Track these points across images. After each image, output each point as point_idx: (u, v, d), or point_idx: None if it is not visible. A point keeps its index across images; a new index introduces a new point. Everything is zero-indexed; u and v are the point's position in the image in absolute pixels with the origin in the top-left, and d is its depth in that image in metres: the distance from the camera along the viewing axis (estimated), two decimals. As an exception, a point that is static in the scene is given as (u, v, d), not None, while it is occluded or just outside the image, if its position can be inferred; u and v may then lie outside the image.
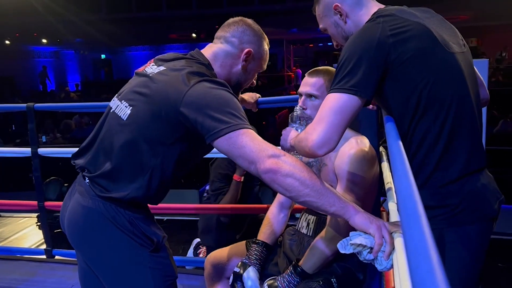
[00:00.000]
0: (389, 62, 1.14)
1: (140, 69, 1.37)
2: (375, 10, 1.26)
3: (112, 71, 21.42)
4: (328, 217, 1.51)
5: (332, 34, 1.39)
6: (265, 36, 1.43)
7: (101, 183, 1.25)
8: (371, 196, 1.55)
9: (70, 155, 2.73)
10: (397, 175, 0.71)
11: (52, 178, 4.66)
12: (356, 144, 1.50)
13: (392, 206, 1.30)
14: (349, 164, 1.47)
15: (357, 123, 1.77)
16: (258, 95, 2.02)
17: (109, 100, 1.39)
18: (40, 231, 4.20)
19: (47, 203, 2.43)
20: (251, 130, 1.15)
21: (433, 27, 1.19)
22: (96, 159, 1.28)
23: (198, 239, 2.84)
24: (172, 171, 1.26)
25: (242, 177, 2.46)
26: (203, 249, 2.77)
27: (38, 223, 4.31)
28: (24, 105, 2.32)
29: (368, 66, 1.12)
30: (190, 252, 2.85)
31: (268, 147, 1.12)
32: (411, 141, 1.18)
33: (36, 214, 4.35)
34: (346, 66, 1.14)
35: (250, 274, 1.56)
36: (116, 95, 1.36)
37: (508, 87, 10.40)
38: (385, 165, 1.73)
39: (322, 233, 1.50)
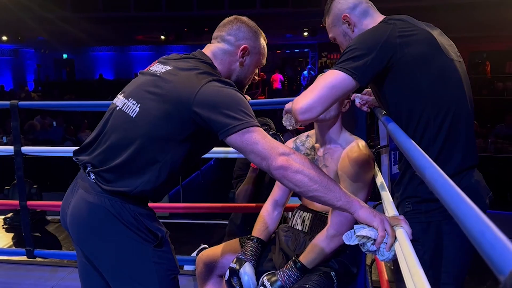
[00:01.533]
0: (393, 61, 1.24)
1: (145, 69, 1.41)
2: (381, 19, 1.37)
3: (75, 71, 20.84)
4: (329, 216, 1.58)
5: (340, 42, 1.49)
6: (261, 31, 1.47)
7: (108, 177, 1.26)
8: (368, 195, 1.63)
9: (53, 154, 2.70)
10: (427, 169, 0.77)
11: (20, 179, 4.52)
12: (358, 148, 1.59)
13: (385, 195, 1.42)
14: (352, 167, 1.55)
15: (352, 124, 1.86)
16: (249, 97, 2.08)
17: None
18: (6, 234, 4.07)
19: (29, 203, 2.38)
20: (261, 129, 1.21)
21: (436, 35, 1.30)
22: (103, 155, 1.29)
23: (205, 245, 2.82)
24: (179, 167, 1.30)
25: None
26: None
27: (5, 226, 4.17)
28: (8, 102, 2.27)
29: (372, 58, 1.22)
30: (194, 255, 2.81)
31: (278, 145, 1.18)
32: (413, 137, 1.26)
33: (3, 217, 4.21)
34: (352, 53, 1.24)
35: (247, 270, 1.59)
36: (120, 93, 1.39)
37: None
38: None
39: (324, 231, 1.56)
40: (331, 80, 1.22)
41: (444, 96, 1.26)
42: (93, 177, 1.29)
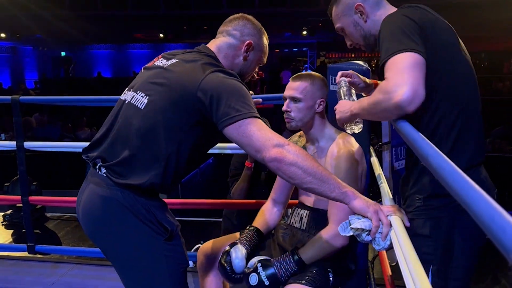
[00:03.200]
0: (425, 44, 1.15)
1: (149, 64, 1.44)
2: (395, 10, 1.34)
3: (73, 69, 20.77)
4: (330, 214, 1.57)
5: (349, 32, 1.45)
6: (265, 31, 1.52)
7: (119, 171, 1.28)
8: (361, 188, 1.63)
9: (56, 149, 2.70)
10: (433, 157, 0.78)
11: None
12: (343, 145, 1.60)
13: (385, 191, 1.45)
14: (337, 163, 1.56)
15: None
16: (251, 91, 2.09)
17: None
18: (5, 231, 4.06)
19: (31, 198, 2.38)
20: (259, 120, 1.23)
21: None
22: (113, 148, 1.31)
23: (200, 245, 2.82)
24: (187, 159, 1.32)
25: (253, 163, 2.39)
26: None
27: (4, 222, 4.16)
28: (9, 97, 2.27)
29: (414, 34, 1.13)
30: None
31: (273, 137, 1.20)
32: (424, 131, 1.21)
33: (2, 213, 4.20)
34: (392, 36, 1.14)
35: (237, 248, 1.59)
36: (128, 88, 1.41)
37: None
38: (374, 160, 1.85)
39: (326, 229, 1.55)
40: (406, 62, 1.07)
41: (460, 91, 1.24)
42: (104, 171, 1.31)
